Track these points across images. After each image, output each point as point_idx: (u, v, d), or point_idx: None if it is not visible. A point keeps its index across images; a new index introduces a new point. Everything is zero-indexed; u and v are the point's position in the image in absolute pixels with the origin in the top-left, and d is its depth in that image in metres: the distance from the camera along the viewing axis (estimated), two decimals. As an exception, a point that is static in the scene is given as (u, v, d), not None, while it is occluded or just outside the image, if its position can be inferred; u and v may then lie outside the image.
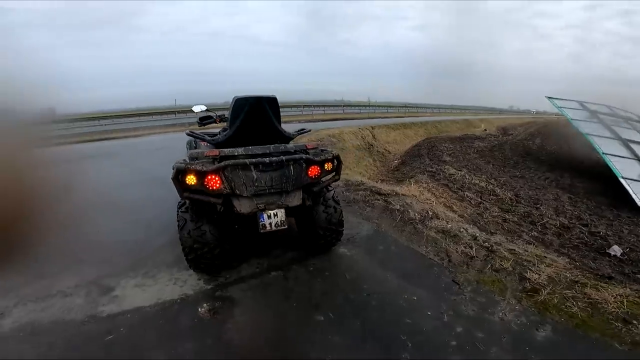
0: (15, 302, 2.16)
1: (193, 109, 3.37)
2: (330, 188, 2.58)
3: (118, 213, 3.71)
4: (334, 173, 2.40)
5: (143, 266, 2.55)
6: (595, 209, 6.04)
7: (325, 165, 2.31)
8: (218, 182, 2.07)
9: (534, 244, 3.63)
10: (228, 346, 1.73)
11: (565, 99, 10.56)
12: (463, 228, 3.19)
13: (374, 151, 12.11)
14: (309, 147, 2.33)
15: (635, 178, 6.83)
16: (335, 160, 2.36)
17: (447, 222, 3.34)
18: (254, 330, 1.85)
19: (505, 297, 1.95)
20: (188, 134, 2.69)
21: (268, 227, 2.20)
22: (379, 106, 35.68)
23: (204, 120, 3.36)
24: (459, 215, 5.40)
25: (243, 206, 2.11)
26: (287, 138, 2.65)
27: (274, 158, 2.12)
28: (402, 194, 4.24)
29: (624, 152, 7.98)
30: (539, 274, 2.06)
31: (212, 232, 2.23)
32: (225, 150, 2.14)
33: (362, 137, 12.68)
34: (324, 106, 29.47)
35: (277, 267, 2.49)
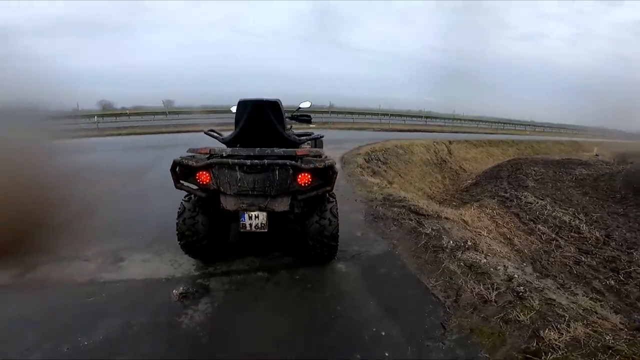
0: (47, 259, 2.63)
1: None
2: (332, 199, 2.47)
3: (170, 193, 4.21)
4: (325, 184, 2.28)
5: (160, 244, 2.87)
6: None
7: (318, 173, 2.21)
8: (207, 177, 2.20)
9: (596, 296, 2.92)
10: (173, 329, 1.86)
11: None
12: (502, 265, 2.74)
13: (446, 168, 11.25)
14: (299, 153, 2.24)
15: None
16: (329, 171, 2.21)
17: (485, 257, 2.90)
18: (206, 321, 1.93)
19: (493, 356, 1.59)
20: (206, 133, 2.88)
21: (248, 228, 2.24)
22: (467, 120, 32.95)
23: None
24: (514, 250, 4.66)
25: (229, 203, 2.20)
26: (290, 142, 2.60)
27: (256, 161, 2.14)
28: (446, 217, 3.84)
29: None
30: (563, 334, 1.62)
31: (204, 223, 2.36)
32: (216, 148, 2.26)
33: (435, 151, 11.89)
34: (404, 116, 28.53)
35: (266, 269, 2.51)
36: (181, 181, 2.26)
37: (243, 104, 2.48)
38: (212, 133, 2.84)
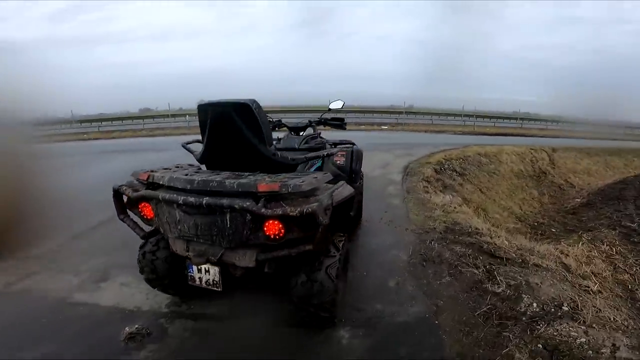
0: (37, 270, 2.58)
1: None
2: (334, 252, 1.68)
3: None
4: (307, 240, 1.48)
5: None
6: None
7: (296, 222, 1.46)
8: (150, 211, 1.69)
9: None
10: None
11: None
12: (610, 344, 1.70)
13: (546, 182, 9.19)
14: (261, 188, 1.43)
15: None
16: (310, 221, 1.41)
17: (587, 329, 1.86)
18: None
19: None
20: (184, 146, 2.19)
21: (197, 282, 1.69)
22: (577, 123, 27.56)
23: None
24: (636, 311, 3.19)
25: (177, 246, 1.67)
26: (276, 163, 1.82)
27: (191, 199, 1.46)
28: (536, 264, 2.75)
29: None
30: None
31: (165, 260, 1.88)
32: (157, 174, 1.69)
33: (531, 160, 9.86)
34: (495, 117, 25.21)
35: (243, 320, 1.97)
36: (128, 210, 1.82)
37: (203, 111, 1.74)
38: (188, 147, 2.18)
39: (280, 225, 1.47)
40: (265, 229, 1.48)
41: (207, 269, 1.66)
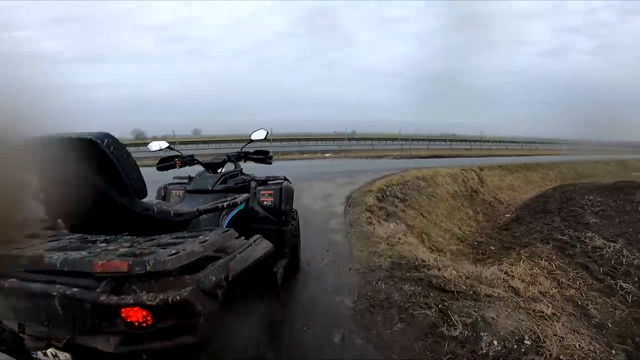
0: None
1: (149, 146, 2.53)
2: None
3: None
4: (185, 330, 1.02)
5: None
6: None
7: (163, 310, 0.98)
8: None
9: None
10: None
11: None
12: None
13: (478, 200, 9.70)
14: (99, 269, 0.94)
15: None
16: (181, 312, 0.98)
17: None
18: None
19: None
20: None
21: None
22: (495, 141, 30.97)
23: (164, 162, 2.45)
24: (592, 327, 3.17)
25: (10, 323, 1.13)
26: (150, 221, 1.33)
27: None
28: (488, 295, 2.52)
29: None
30: None
31: (11, 334, 1.24)
32: None
33: (463, 180, 10.41)
34: (427, 140, 27.19)
35: None
36: None
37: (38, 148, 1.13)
38: None
39: (145, 312, 0.96)
40: (123, 315, 0.97)
41: (54, 354, 1.08)
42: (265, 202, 2.44)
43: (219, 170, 2.36)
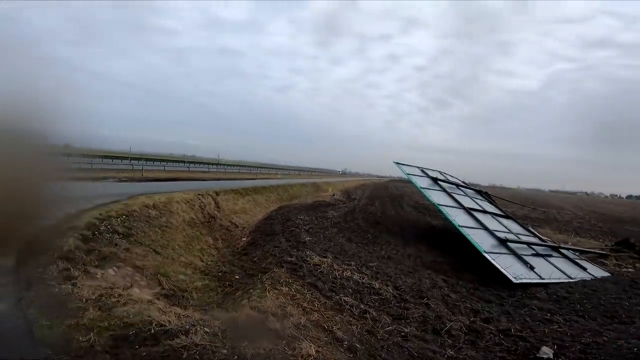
0: None
1: None
2: None
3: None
4: None
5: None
6: (475, 292, 5.66)
7: None
8: None
9: None
10: None
11: (410, 165, 11.18)
12: None
13: (216, 225, 9.44)
14: None
15: (494, 251, 6.87)
16: None
17: None
18: None
19: None
20: None
21: None
22: (230, 165, 33.53)
23: None
24: (343, 349, 3.45)
25: None
26: None
27: None
28: (253, 355, 1.91)
29: (471, 222, 8.35)
30: None
31: None
32: None
33: (200, 206, 9.85)
34: (164, 161, 25.05)
35: None
36: None
37: None
38: None
39: None
40: None
41: None
42: None
43: None
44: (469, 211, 8.95)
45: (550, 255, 7.90)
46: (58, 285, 3.08)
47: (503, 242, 7.56)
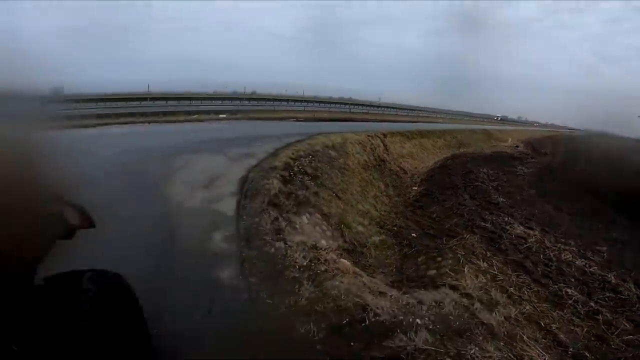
0: None
1: None
2: None
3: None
4: None
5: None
6: None
7: None
8: None
9: None
10: None
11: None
12: None
13: (386, 170, 9.13)
14: None
15: None
16: None
17: None
18: None
19: None
20: None
21: None
22: (388, 107, 32.61)
23: None
24: (571, 356, 2.60)
25: None
26: None
27: None
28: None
29: None
30: None
31: None
32: None
33: (371, 148, 9.68)
34: (328, 102, 26.51)
35: None
36: None
37: None
38: None
39: None
40: None
41: None
42: None
43: None
44: None
45: None
46: (271, 241, 3.19)
47: None
